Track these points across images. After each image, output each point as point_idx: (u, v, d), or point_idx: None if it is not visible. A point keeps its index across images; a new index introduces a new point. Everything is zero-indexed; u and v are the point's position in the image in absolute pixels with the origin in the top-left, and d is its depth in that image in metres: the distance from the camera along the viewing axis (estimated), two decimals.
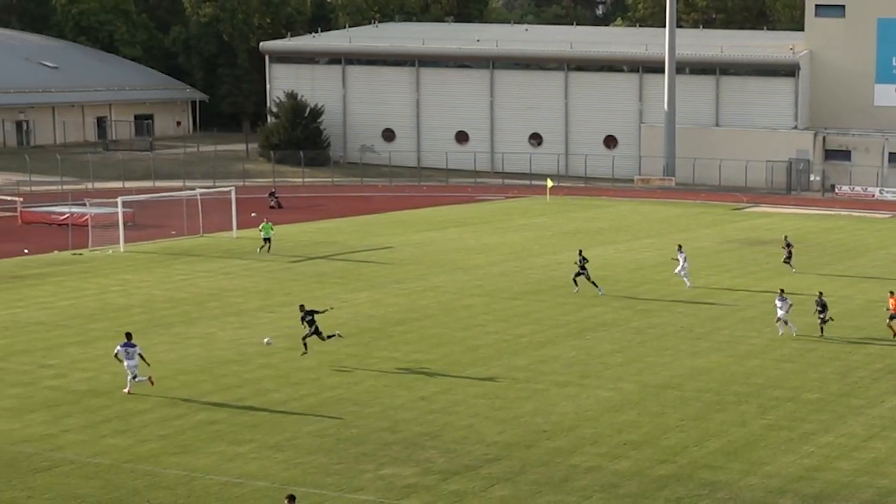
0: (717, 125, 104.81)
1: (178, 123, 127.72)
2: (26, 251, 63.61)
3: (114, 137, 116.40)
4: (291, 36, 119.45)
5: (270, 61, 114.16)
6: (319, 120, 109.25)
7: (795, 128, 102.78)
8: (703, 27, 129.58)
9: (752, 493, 28.48)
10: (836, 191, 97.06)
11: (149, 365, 37.18)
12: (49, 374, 38.49)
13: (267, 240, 64.16)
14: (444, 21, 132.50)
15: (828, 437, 32.84)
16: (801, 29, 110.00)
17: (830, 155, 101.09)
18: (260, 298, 51.25)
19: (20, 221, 75.03)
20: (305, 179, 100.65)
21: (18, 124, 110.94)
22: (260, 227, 65.13)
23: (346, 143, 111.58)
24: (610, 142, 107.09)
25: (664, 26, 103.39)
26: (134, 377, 36.06)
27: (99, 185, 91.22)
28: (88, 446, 31.45)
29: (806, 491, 28.68)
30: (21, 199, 78.70)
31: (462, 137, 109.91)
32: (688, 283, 54.15)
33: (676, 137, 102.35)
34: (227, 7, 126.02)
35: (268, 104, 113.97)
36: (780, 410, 35.15)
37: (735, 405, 35.64)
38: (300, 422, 33.58)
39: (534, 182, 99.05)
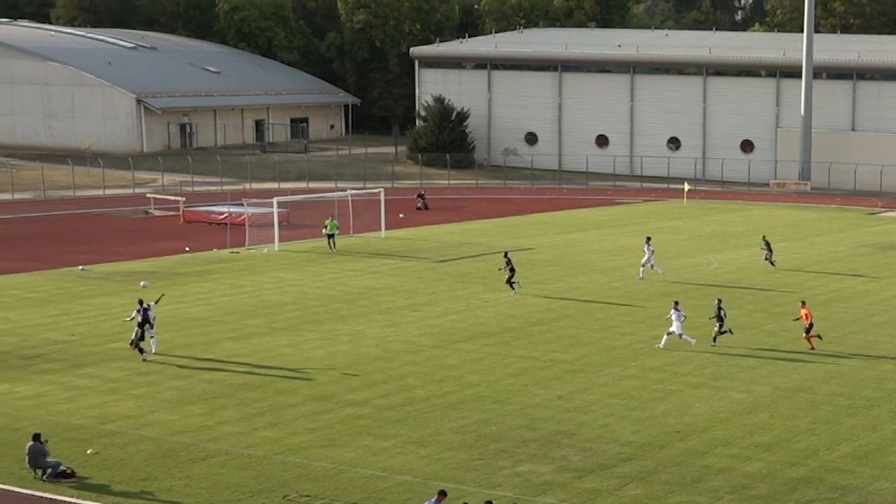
0: (853, 130, 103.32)
1: (332, 126, 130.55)
2: (187, 249, 65.50)
3: (271, 140, 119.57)
4: (440, 42, 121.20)
5: (419, 66, 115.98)
6: (465, 123, 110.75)
7: None
8: (841, 32, 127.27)
9: (883, 498, 28.50)
10: None
11: (158, 299, 43.32)
12: (206, 367, 39.93)
13: (330, 236, 65.37)
14: (586, 27, 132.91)
15: None
16: None
17: None
18: (406, 297, 52.44)
19: (182, 220, 77.09)
20: (451, 181, 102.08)
21: (182, 127, 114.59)
22: (325, 225, 66.46)
23: (491, 147, 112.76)
24: (746, 146, 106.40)
25: (802, 31, 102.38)
26: (151, 337, 41.41)
27: (256, 185, 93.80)
28: (242, 438, 32.34)
29: None
30: (183, 199, 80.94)
31: (602, 141, 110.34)
32: (644, 273, 56.57)
33: (812, 142, 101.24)
34: (380, 14, 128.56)
35: (416, 108, 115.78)
36: None
37: (867, 409, 35.67)
38: (442, 418, 34.36)
39: (671, 185, 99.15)
